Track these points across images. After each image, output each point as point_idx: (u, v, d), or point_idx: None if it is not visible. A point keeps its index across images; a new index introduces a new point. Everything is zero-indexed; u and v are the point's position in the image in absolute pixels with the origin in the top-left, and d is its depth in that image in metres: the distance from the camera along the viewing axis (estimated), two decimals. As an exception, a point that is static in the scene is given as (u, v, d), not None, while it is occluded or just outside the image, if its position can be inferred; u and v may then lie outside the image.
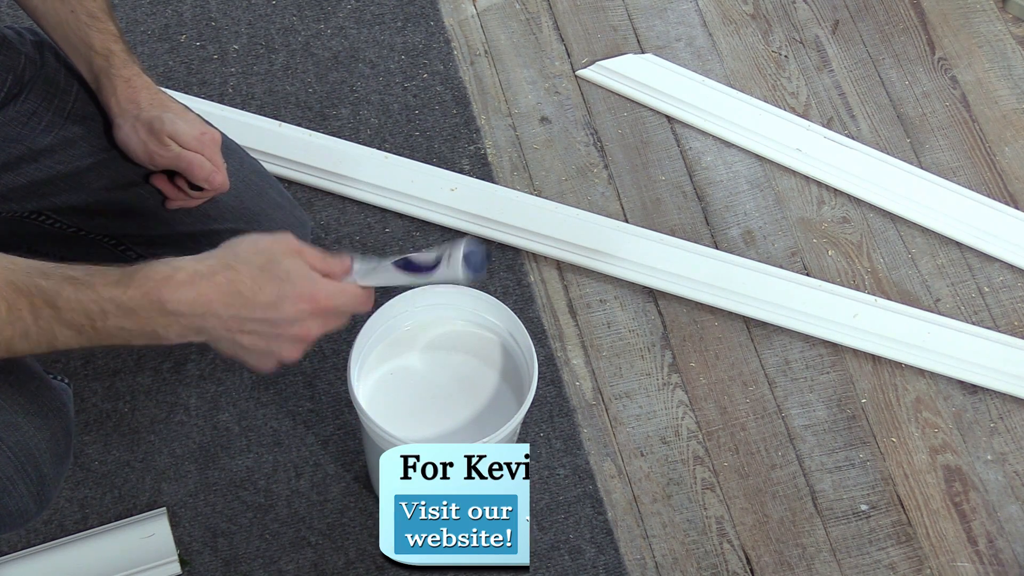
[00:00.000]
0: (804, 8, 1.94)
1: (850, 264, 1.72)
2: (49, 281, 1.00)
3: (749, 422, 1.60)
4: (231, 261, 1.03)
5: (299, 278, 1.04)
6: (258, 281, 1.03)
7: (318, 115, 1.77)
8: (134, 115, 1.28)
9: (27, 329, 1.01)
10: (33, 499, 1.17)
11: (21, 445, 1.14)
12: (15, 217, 1.34)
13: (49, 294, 1.00)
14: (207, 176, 1.29)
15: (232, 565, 1.46)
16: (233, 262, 1.03)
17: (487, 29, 1.88)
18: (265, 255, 1.04)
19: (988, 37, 1.92)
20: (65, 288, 1.00)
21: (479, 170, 1.74)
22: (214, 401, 1.55)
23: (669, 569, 1.49)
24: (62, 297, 1.00)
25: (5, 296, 0.99)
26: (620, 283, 1.68)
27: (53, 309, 1.00)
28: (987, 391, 1.63)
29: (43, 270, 1.01)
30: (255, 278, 1.03)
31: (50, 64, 1.33)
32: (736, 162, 1.79)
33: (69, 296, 1.00)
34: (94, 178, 1.33)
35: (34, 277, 1.00)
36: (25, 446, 1.14)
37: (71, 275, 1.01)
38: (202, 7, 1.85)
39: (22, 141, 1.30)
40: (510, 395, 1.36)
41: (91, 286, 1.01)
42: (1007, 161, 1.81)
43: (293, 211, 1.48)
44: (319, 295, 1.05)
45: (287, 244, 1.06)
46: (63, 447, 1.19)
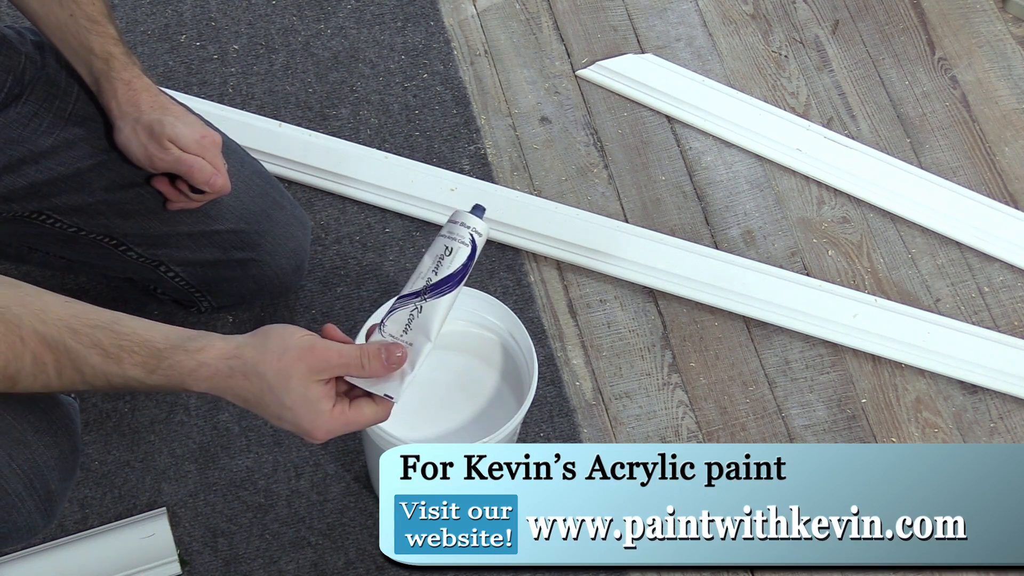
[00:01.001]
0: (804, 8, 1.94)
1: (850, 264, 1.72)
2: (78, 343, 1.01)
3: (749, 422, 1.60)
4: (246, 369, 1.03)
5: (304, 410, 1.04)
6: (263, 398, 1.04)
7: (318, 115, 1.77)
8: (134, 118, 1.28)
9: (49, 383, 1.03)
10: (41, 514, 1.18)
11: (31, 462, 1.14)
12: (16, 217, 1.34)
13: (76, 359, 1.02)
14: (207, 179, 1.29)
15: (232, 565, 1.46)
16: (248, 371, 1.03)
17: (487, 29, 1.88)
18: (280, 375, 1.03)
19: (988, 37, 1.92)
20: (92, 356, 1.02)
21: (479, 170, 1.74)
22: (214, 401, 1.55)
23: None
24: (88, 365, 1.02)
25: (32, 348, 1.01)
26: (620, 283, 1.68)
27: (78, 372, 1.02)
28: (987, 391, 1.63)
29: (73, 327, 1.02)
30: (263, 396, 1.04)
31: (51, 65, 1.33)
32: (736, 162, 1.79)
33: (95, 365, 1.02)
34: (95, 179, 1.33)
35: (64, 335, 1.01)
36: (34, 463, 1.14)
37: (100, 342, 1.02)
38: (202, 7, 1.85)
39: (23, 143, 1.30)
40: (510, 395, 1.36)
41: (118, 361, 1.02)
42: (1007, 161, 1.81)
43: (294, 211, 1.48)
44: (318, 431, 1.05)
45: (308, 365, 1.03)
46: (71, 463, 1.19)
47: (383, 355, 1.06)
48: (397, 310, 1.10)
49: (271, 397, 1.04)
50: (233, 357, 1.03)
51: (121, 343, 1.02)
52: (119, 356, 1.02)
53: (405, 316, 1.10)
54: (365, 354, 1.05)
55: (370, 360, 1.06)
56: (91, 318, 1.03)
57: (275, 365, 1.03)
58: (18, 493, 1.14)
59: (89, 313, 1.03)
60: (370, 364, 1.06)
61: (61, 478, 1.18)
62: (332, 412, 1.05)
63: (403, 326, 1.09)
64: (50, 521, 1.20)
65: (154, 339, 1.03)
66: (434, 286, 1.10)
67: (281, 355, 1.03)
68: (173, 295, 1.47)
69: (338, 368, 1.05)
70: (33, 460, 1.14)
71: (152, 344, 1.03)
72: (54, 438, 1.16)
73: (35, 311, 1.01)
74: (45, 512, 1.18)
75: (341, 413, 1.06)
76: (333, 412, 1.05)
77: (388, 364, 1.07)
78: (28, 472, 1.14)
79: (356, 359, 1.05)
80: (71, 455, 1.19)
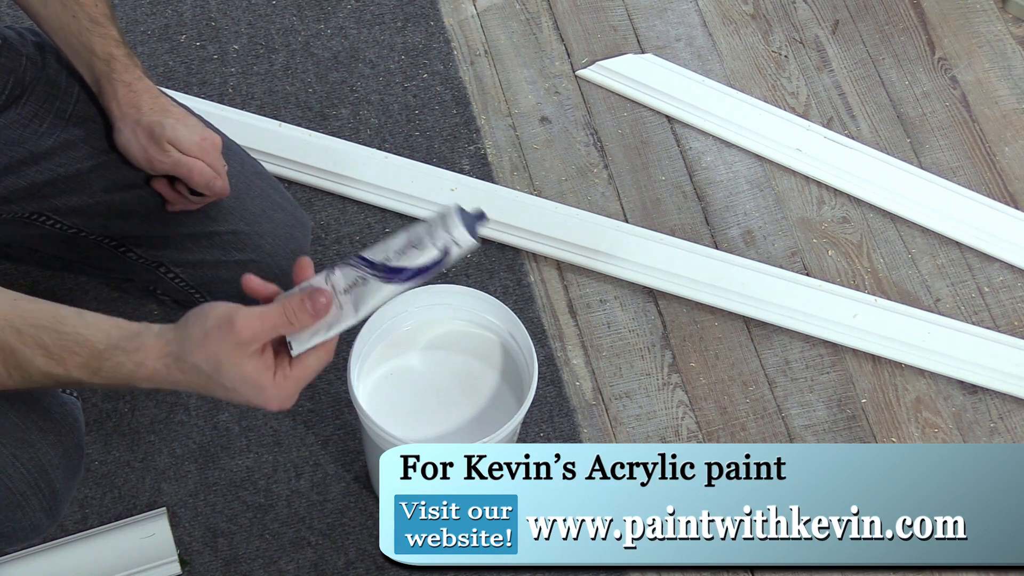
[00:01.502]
0: (804, 8, 1.94)
1: (850, 264, 1.72)
2: (23, 344, 1.01)
3: (749, 422, 1.60)
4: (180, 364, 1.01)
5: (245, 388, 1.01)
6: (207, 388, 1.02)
7: (318, 115, 1.77)
8: (135, 120, 1.28)
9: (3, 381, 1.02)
10: (46, 514, 1.18)
11: (35, 462, 1.14)
12: (16, 218, 1.34)
13: (22, 360, 1.01)
14: (207, 182, 1.30)
15: (232, 565, 1.46)
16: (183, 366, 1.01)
17: (487, 29, 1.88)
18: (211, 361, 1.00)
19: (988, 37, 1.92)
20: (37, 358, 1.01)
21: (479, 170, 1.74)
22: (214, 401, 1.55)
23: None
24: (34, 367, 1.01)
25: None
26: (620, 283, 1.68)
27: (24, 373, 1.02)
28: (987, 391, 1.63)
29: (17, 327, 1.01)
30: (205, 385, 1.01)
31: (51, 66, 1.33)
32: (736, 162, 1.79)
33: (40, 367, 1.01)
34: (95, 180, 1.33)
35: (8, 336, 1.00)
36: (39, 463, 1.15)
37: (43, 343, 1.01)
38: (202, 7, 1.85)
39: (23, 144, 1.30)
40: (510, 395, 1.36)
41: (62, 362, 1.01)
42: (1007, 161, 1.81)
43: (294, 212, 1.48)
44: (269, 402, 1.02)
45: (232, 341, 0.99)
46: (75, 462, 1.19)
47: (308, 306, 1.01)
48: (350, 267, 1.04)
49: (212, 384, 1.01)
50: (166, 355, 1.01)
51: (63, 343, 1.01)
52: (62, 357, 1.01)
53: (352, 277, 1.04)
54: (290, 311, 1.01)
55: (296, 315, 1.01)
56: (36, 317, 1.02)
57: (202, 353, 1.00)
58: (23, 493, 1.14)
59: (35, 311, 1.02)
60: (298, 319, 1.01)
61: (65, 477, 1.18)
62: (275, 381, 1.01)
63: (345, 286, 1.04)
64: (55, 520, 1.20)
65: (94, 339, 1.01)
66: (389, 268, 1.04)
67: (203, 341, 1.00)
68: (173, 296, 1.47)
69: (264, 333, 1.00)
70: (37, 460, 1.14)
71: (92, 345, 1.01)
72: (58, 437, 1.16)
73: None
74: (50, 511, 1.18)
75: (285, 378, 1.02)
76: (276, 380, 1.01)
77: (315, 313, 1.02)
78: (33, 472, 1.14)
79: (281, 318, 1.01)
80: (75, 454, 1.19)
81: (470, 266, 1.66)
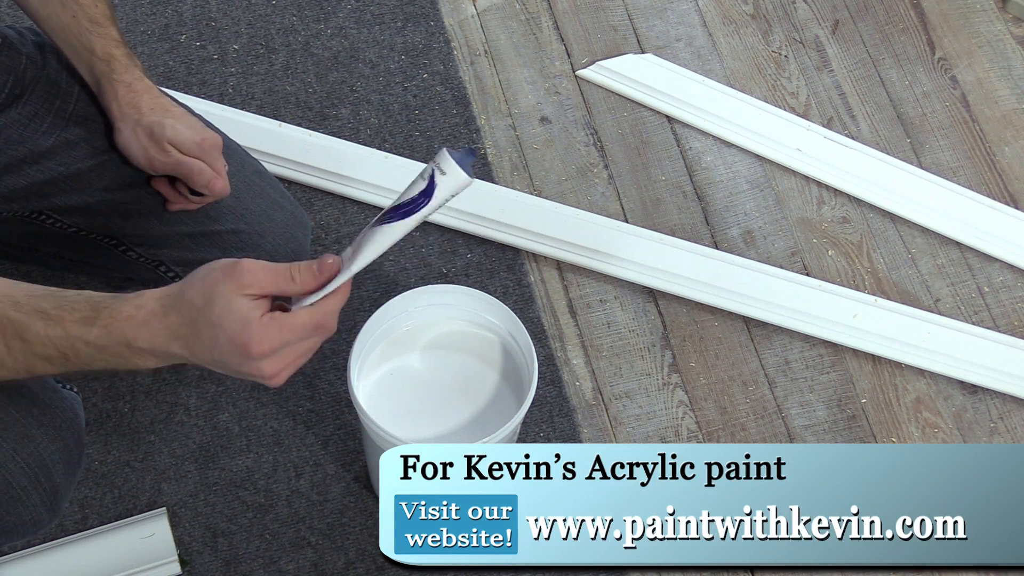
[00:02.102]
0: (804, 8, 1.94)
1: (850, 264, 1.72)
2: (20, 313, 1.00)
3: (749, 422, 1.60)
4: (176, 301, 0.99)
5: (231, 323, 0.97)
6: (195, 327, 0.99)
7: (318, 115, 1.77)
8: (135, 120, 1.28)
9: (2, 359, 1.01)
10: (46, 509, 1.18)
11: (35, 456, 1.14)
12: (16, 217, 1.34)
13: (19, 327, 1.00)
14: (207, 183, 1.30)
15: (232, 565, 1.46)
16: (178, 303, 0.99)
17: (487, 29, 1.88)
18: (205, 296, 0.98)
19: (988, 37, 1.92)
20: (35, 323, 1.00)
21: (479, 170, 1.74)
22: (214, 401, 1.55)
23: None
24: (31, 332, 1.00)
25: None
26: (620, 283, 1.68)
27: (24, 342, 1.00)
28: (987, 391, 1.63)
29: (15, 298, 1.00)
30: (193, 323, 0.98)
31: (51, 65, 1.33)
32: (736, 162, 1.79)
33: (39, 331, 1.00)
34: (95, 179, 1.34)
35: (5, 307, 1.00)
36: (39, 457, 1.15)
37: (42, 308, 1.00)
38: (202, 7, 1.85)
39: (24, 143, 1.30)
40: (510, 395, 1.36)
41: (60, 322, 1.00)
42: (1007, 161, 1.81)
43: (294, 211, 1.48)
44: (250, 342, 0.97)
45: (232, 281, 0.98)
46: (75, 457, 1.19)
47: (315, 266, 1.00)
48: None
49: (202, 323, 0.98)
50: (165, 296, 0.99)
51: (62, 304, 1.00)
52: (60, 316, 1.00)
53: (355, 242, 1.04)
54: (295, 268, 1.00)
55: (300, 271, 1.00)
56: (35, 290, 1.02)
57: (200, 288, 0.98)
58: (23, 487, 1.14)
59: (34, 288, 1.02)
60: (301, 276, 1.00)
61: (66, 472, 1.18)
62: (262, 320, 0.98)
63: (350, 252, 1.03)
64: (55, 515, 1.20)
65: (95, 297, 1.01)
66: (383, 215, 1.03)
67: (206, 277, 0.98)
68: (173, 295, 1.47)
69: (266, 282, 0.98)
70: (38, 454, 1.14)
71: (92, 298, 1.00)
72: (58, 432, 1.16)
73: None
74: (50, 506, 1.18)
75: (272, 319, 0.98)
76: (263, 320, 0.98)
77: (320, 274, 1.01)
78: (33, 466, 1.14)
79: (286, 274, 0.99)
80: (75, 449, 1.19)
81: (470, 266, 1.66)
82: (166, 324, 0.99)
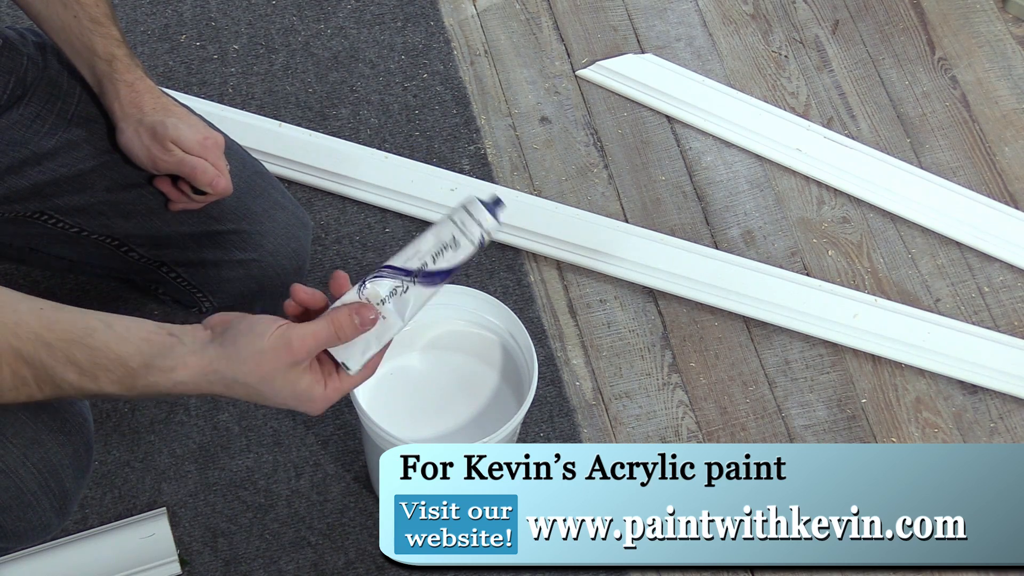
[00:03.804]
0: (804, 8, 1.94)
1: (850, 264, 1.72)
2: (54, 360, 1.00)
3: (749, 422, 1.60)
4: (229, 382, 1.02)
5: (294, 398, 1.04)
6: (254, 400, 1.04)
7: (318, 115, 1.77)
8: (137, 120, 1.28)
9: (32, 395, 1.01)
10: (55, 513, 1.18)
11: (45, 461, 1.14)
12: (18, 217, 1.34)
13: (53, 375, 1.00)
14: (210, 181, 1.30)
15: (232, 565, 1.46)
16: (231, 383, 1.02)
17: (487, 29, 1.88)
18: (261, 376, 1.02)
19: (988, 37, 1.92)
20: (69, 374, 1.00)
21: (479, 170, 1.75)
22: (214, 401, 1.55)
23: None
24: (66, 382, 1.01)
25: (9, 363, 0.99)
26: (620, 283, 1.68)
27: (56, 388, 1.01)
28: (987, 391, 1.63)
29: (48, 341, 1.00)
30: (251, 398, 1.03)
31: (52, 66, 1.33)
32: (736, 162, 1.79)
33: (72, 382, 1.01)
34: (97, 179, 1.34)
35: (39, 351, 1.00)
36: (49, 462, 1.15)
37: (75, 359, 1.00)
38: (202, 7, 1.85)
39: (26, 145, 1.30)
40: (510, 395, 1.36)
41: (94, 379, 1.00)
42: (1007, 161, 1.81)
43: (295, 211, 1.48)
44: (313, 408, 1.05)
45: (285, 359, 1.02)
46: (84, 461, 1.19)
47: (356, 319, 1.04)
48: (384, 278, 1.06)
49: (259, 398, 1.03)
50: (209, 372, 1.01)
51: (96, 360, 1.00)
52: (95, 374, 1.01)
53: (389, 287, 1.06)
54: (338, 326, 1.03)
55: (343, 329, 1.03)
56: (65, 329, 1.01)
57: (256, 372, 1.01)
58: (33, 492, 1.14)
59: (62, 323, 1.01)
60: (344, 332, 1.03)
61: (75, 476, 1.18)
62: (326, 393, 1.04)
63: (383, 297, 1.06)
64: (64, 519, 1.20)
65: (127, 356, 1.00)
66: (428, 273, 1.06)
67: (260, 361, 1.01)
68: (174, 295, 1.48)
69: (316, 349, 1.03)
70: (48, 459, 1.14)
71: (126, 363, 1.00)
72: (68, 437, 1.16)
73: (8, 325, 0.99)
74: (59, 511, 1.18)
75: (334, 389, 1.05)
76: (327, 393, 1.04)
77: (361, 327, 1.04)
78: (43, 471, 1.14)
79: (331, 334, 1.03)
80: (85, 453, 1.19)
81: (470, 266, 1.66)
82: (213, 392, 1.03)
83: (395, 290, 1.06)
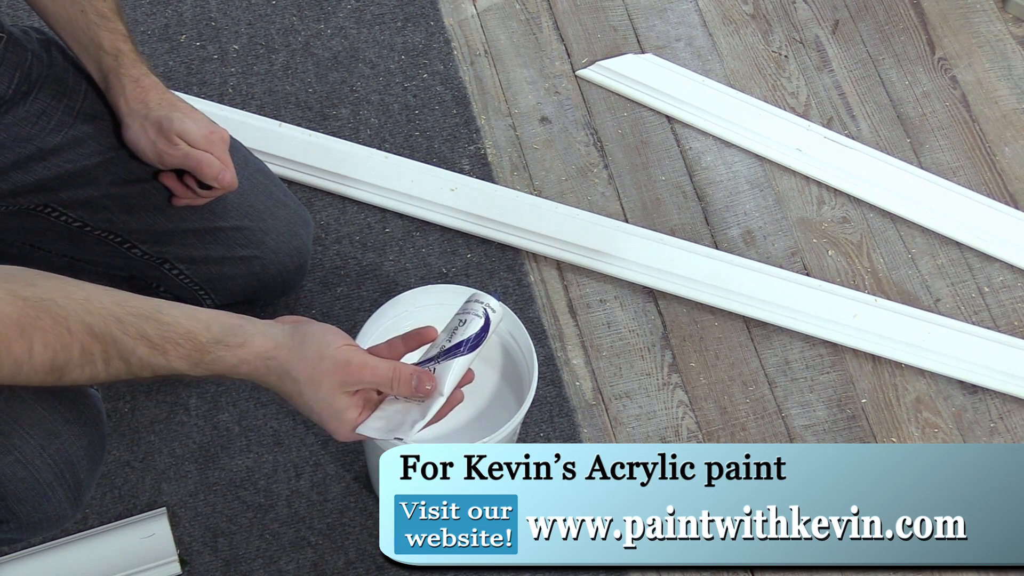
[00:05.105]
0: (804, 8, 1.94)
1: (850, 264, 1.72)
2: (125, 334, 1.03)
3: (749, 422, 1.60)
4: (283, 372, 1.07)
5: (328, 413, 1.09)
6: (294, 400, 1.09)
7: (318, 115, 1.77)
8: (143, 115, 1.29)
9: (96, 374, 1.04)
10: (70, 504, 1.19)
11: (61, 453, 1.15)
12: (21, 210, 1.35)
13: (123, 349, 1.03)
14: (216, 174, 1.30)
15: (232, 565, 1.46)
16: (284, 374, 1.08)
17: (487, 29, 1.88)
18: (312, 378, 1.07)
19: (988, 37, 1.92)
20: (139, 348, 1.03)
21: (479, 170, 1.74)
22: (214, 401, 1.55)
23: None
24: (135, 356, 1.04)
25: (80, 339, 1.01)
26: (620, 283, 1.68)
27: (125, 363, 1.04)
28: (987, 391, 1.63)
29: (118, 316, 1.03)
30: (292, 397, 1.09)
31: (58, 63, 1.33)
32: (736, 162, 1.79)
33: (142, 356, 1.04)
34: (102, 175, 1.34)
35: (110, 325, 1.02)
36: (64, 453, 1.16)
37: (146, 332, 1.03)
38: (202, 7, 1.85)
39: (32, 141, 1.30)
40: (510, 395, 1.36)
41: (164, 353, 1.04)
42: (1007, 161, 1.81)
43: (297, 210, 1.49)
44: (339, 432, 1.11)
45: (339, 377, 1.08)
46: (98, 452, 1.21)
47: (414, 381, 1.11)
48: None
49: (300, 400, 1.08)
50: (271, 357, 1.07)
51: (165, 334, 1.04)
52: (164, 348, 1.04)
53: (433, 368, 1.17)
54: (397, 376, 1.10)
55: (400, 383, 1.10)
56: (134, 306, 1.04)
57: (308, 372, 1.07)
58: (49, 483, 1.15)
59: (131, 301, 1.05)
60: (399, 387, 1.11)
61: (89, 468, 1.20)
62: (356, 421, 1.10)
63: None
64: (78, 510, 1.22)
65: (197, 331, 1.05)
66: (448, 350, 1.17)
67: (316, 364, 1.07)
68: (176, 292, 1.48)
69: (368, 384, 1.09)
70: (63, 450, 1.16)
71: (195, 337, 1.05)
72: (83, 428, 1.17)
73: (79, 301, 1.02)
74: (74, 501, 1.20)
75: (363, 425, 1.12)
76: (357, 421, 1.11)
77: (417, 390, 1.11)
78: (59, 462, 1.16)
79: (387, 379, 1.10)
80: (99, 445, 1.21)
81: (470, 266, 1.66)
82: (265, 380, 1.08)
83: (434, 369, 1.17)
